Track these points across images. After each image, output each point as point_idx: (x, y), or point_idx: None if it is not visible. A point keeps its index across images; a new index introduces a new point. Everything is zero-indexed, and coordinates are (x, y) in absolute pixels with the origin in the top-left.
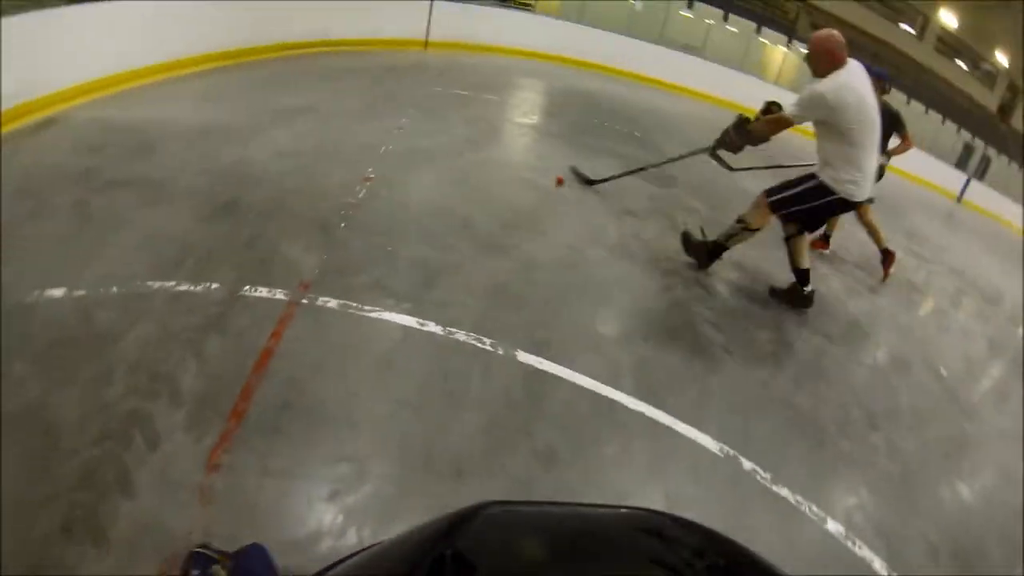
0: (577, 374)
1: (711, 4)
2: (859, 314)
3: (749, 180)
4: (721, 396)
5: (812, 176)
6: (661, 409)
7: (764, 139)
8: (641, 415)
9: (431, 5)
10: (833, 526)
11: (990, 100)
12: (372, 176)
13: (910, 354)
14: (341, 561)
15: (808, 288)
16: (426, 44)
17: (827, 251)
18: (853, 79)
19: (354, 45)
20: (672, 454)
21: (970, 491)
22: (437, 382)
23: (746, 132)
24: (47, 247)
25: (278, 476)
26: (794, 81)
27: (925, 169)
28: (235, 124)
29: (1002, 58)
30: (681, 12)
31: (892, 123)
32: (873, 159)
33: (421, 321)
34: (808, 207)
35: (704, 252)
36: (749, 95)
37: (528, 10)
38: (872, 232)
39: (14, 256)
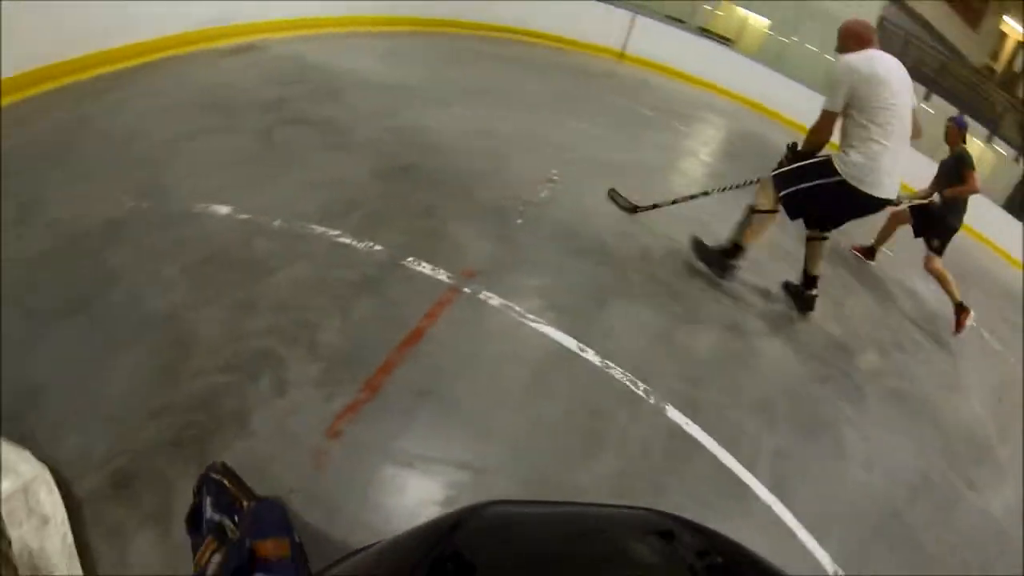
0: (719, 447)
1: (914, 78)
2: (1006, 459)
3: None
4: (849, 510)
5: (824, 157)
6: (788, 508)
7: (817, 148)
8: (769, 509)
9: (633, 18)
10: None
11: None
12: (556, 178)
13: None
14: (342, 560)
15: (814, 292)
16: (622, 55)
17: (872, 262)
18: (885, 59)
19: (551, 40)
20: (786, 563)
21: None
22: (582, 414)
23: (799, 153)
24: (225, 164)
25: (398, 463)
26: (985, 183)
27: None
28: (422, 90)
29: None
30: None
31: (957, 163)
32: (894, 154)
33: (581, 346)
34: (810, 187)
35: (717, 256)
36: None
37: (727, 44)
38: (942, 282)
39: (191, 166)
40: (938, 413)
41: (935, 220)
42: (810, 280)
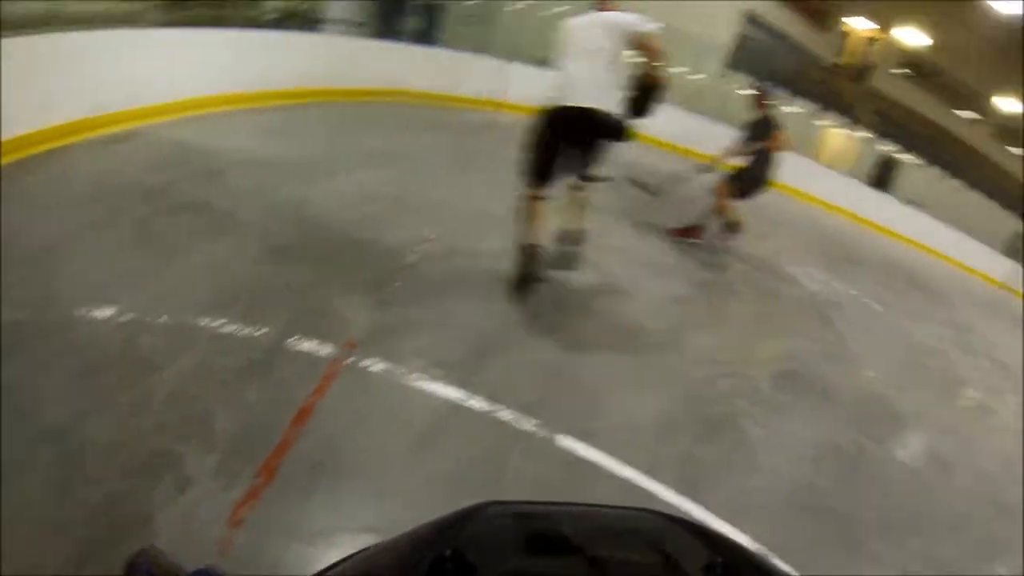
0: (617, 463)
1: (775, 84)
2: (905, 411)
3: (802, 274)
4: (758, 493)
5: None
6: (700, 504)
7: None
8: (677, 509)
9: (506, 65)
10: None
11: None
12: (434, 237)
13: (952, 454)
14: (341, 561)
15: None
16: (500, 104)
17: (700, 240)
18: (595, 15)
19: (430, 99)
20: None
21: None
22: (476, 461)
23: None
24: (109, 261)
25: (303, 541)
26: (848, 166)
27: (987, 263)
28: (305, 163)
29: None
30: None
31: (765, 123)
32: (585, 74)
33: (468, 394)
34: (538, 143)
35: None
36: (801, 178)
37: None
38: (722, 209)
39: (75, 265)
40: (832, 384)
41: (745, 172)
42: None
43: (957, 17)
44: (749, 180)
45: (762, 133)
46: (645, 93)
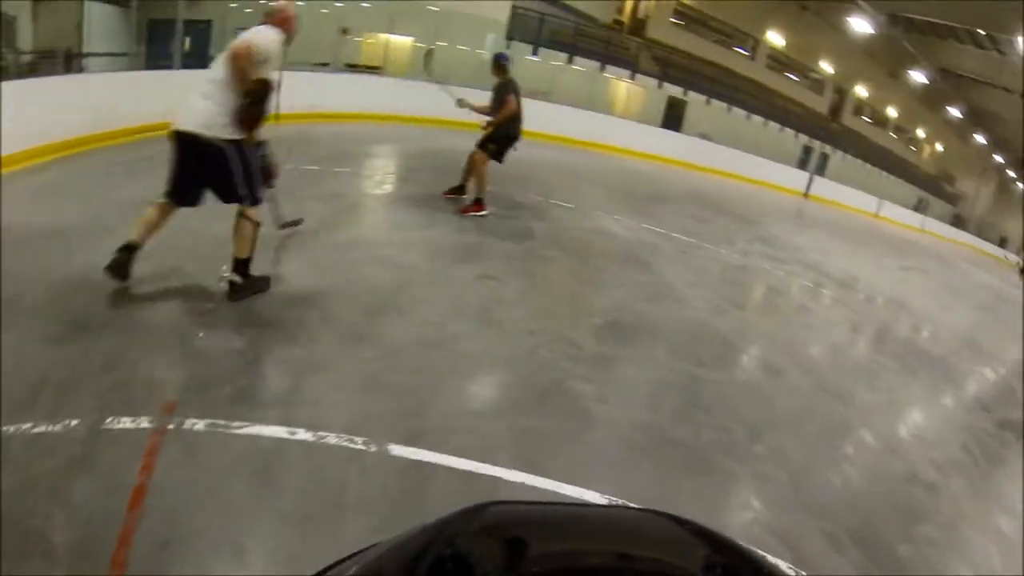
0: (453, 458)
1: (557, 48)
2: (729, 331)
3: (612, 223)
4: (602, 450)
5: None
6: (544, 476)
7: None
8: (522, 485)
9: (280, 75)
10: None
11: (821, 104)
12: (226, 273)
13: (780, 358)
14: (341, 561)
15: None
16: (277, 116)
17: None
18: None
19: None
20: None
21: (857, 472)
22: (316, 492)
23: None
24: None
25: None
26: (639, 114)
27: (775, 175)
28: (82, 224)
29: (827, 66)
30: (527, 58)
31: (500, 90)
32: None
33: (291, 430)
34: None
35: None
36: (598, 132)
37: (377, 73)
38: (478, 177)
39: None
40: (656, 325)
41: (494, 132)
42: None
43: None
44: (500, 141)
45: (500, 97)
46: (252, 103)
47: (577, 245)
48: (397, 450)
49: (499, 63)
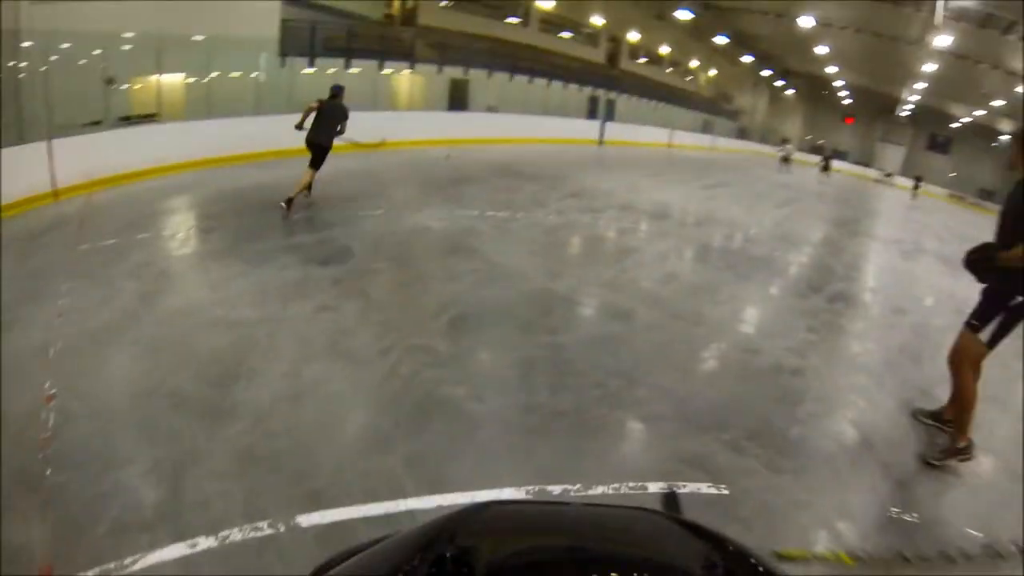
0: (364, 506)
1: (333, 55)
2: (569, 290)
3: (425, 218)
4: (494, 443)
5: None
6: (457, 490)
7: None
8: (439, 508)
9: (49, 145)
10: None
11: (598, 55)
12: (54, 392)
13: (626, 301)
14: (342, 559)
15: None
16: (56, 194)
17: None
18: None
19: None
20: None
21: (731, 380)
22: None
23: None
24: None
25: None
26: (424, 102)
27: (569, 130)
28: None
29: (598, 19)
30: (304, 72)
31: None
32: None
33: (191, 543)
34: None
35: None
36: (387, 129)
37: (153, 121)
38: (305, 185)
39: None
40: (497, 306)
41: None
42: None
43: None
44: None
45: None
46: None
47: (398, 250)
48: (306, 520)
49: (335, 91)
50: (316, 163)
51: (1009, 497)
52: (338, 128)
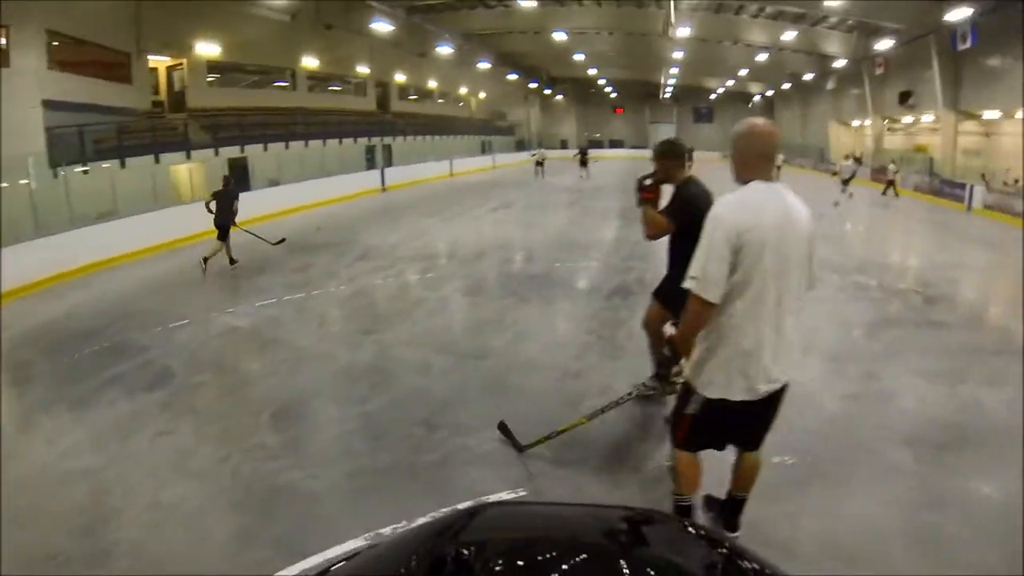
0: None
1: (106, 157)
2: (369, 359)
3: (231, 318)
4: (335, 515)
5: None
6: (312, 554)
7: None
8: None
9: None
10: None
11: (369, 103)
12: None
13: (423, 354)
14: (342, 560)
15: None
16: None
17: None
18: None
19: None
20: None
21: (524, 402)
22: None
23: None
24: None
25: None
26: (206, 191)
27: (352, 185)
28: None
29: (364, 68)
30: (78, 170)
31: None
32: None
33: None
34: None
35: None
36: (168, 229)
37: None
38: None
39: None
40: (307, 392)
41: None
42: None
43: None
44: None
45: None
46: None
47: (214, 357)
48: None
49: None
50: (223, 236)
51: None
52: (233, 207)
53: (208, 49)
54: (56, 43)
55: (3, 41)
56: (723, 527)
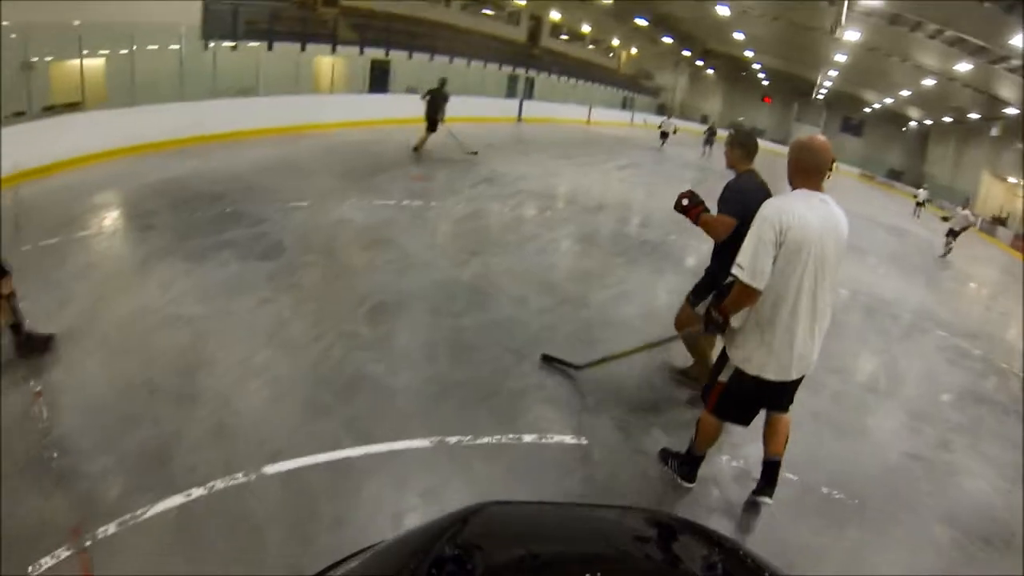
0: (313, 456)
1: (255, 38)
2: (471, 279)
3: (348, 209)
4: (409, 408)
5: None
6: (379, 442)
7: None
8: (366, 455)
9: None
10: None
11: (520, 34)
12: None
13: (522, 287)
14: (342, 561)
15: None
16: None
17: None
18: None
19: None
20: (408, 470)
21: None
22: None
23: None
24: None
25: None
26: (346, 84)
27: (487, 110)
28: None
29: None
30: (227, 45)
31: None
32: None
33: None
34: None
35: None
36: (311, 114)
37: (77, 109)
38: None
39: None
40: (411, 291)
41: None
42: None
43: None
44: None
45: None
46: None
47: (325, 242)
48: (271, 469)
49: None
50: (431, 128)
51: None
52: (443, 107)
53: None
54: None
55: None
56: (757, 492)
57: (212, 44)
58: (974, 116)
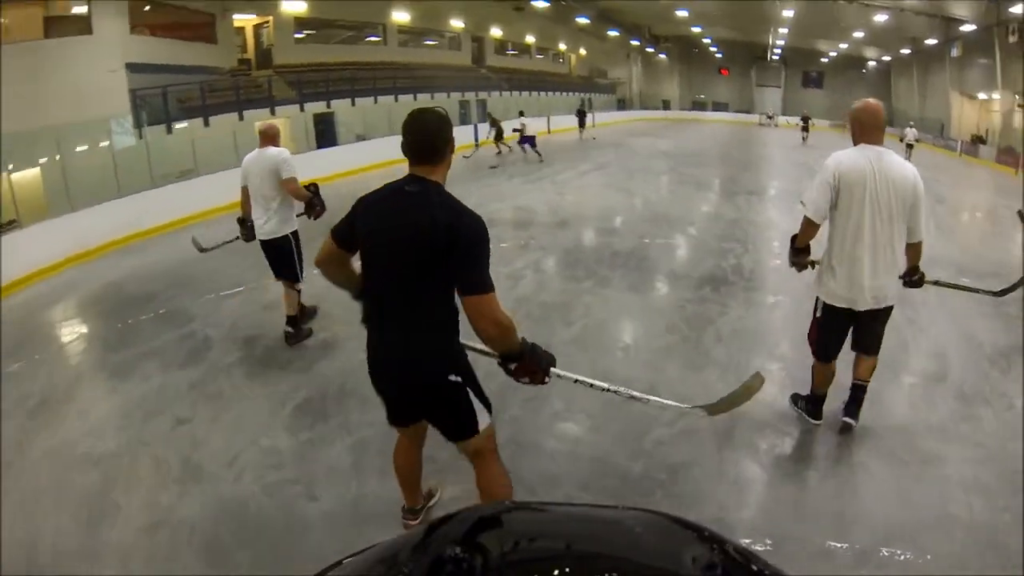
0: None
1: (191, 116)
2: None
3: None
4: (323, 535)
5: None
6: None
7: None
8: None
9: None
10: None
11: (464, 58)
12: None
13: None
14: (343, 560)
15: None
16: None
17: None
18: None
19: None
20: None
21: None
22: None
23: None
24: None
25: None
26: (292, 145)
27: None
28: None
29: (458, 23)
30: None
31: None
32: None
33: None
34: None
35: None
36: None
37: (14, 227)
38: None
39: None
40: None
41: None
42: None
43: None
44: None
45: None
46: None
47: (253, 334)
48: None
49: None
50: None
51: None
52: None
53: (294, 6)
54: (147, 7)
55: (85, 8)
56: (843, 413)
57: (144, 132)
58: (932, 42)
